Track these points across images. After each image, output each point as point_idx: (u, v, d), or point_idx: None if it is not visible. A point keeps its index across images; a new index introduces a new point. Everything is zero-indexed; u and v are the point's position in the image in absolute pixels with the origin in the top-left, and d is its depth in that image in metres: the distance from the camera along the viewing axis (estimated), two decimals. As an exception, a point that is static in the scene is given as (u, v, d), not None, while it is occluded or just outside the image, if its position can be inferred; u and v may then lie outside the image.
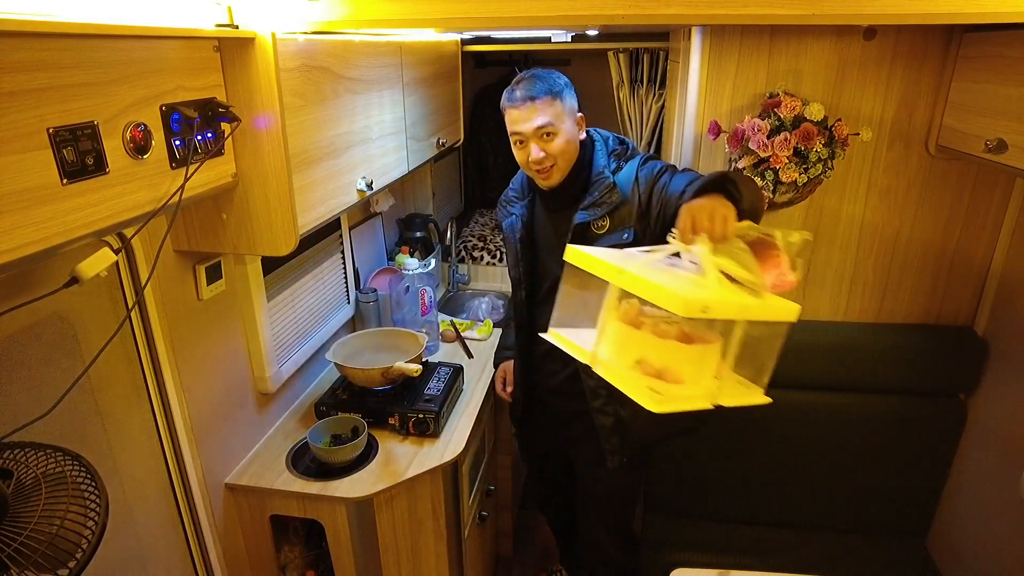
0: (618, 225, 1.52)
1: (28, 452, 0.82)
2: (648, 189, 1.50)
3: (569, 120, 1.52)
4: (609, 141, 1.61)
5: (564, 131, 1.51)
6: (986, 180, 1.66)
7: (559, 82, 1.53)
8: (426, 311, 2.25)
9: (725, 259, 1.06)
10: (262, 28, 1.09)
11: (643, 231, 1.50)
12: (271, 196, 1.18)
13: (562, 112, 1.51)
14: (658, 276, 1.01)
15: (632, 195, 1.51)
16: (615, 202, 1.51)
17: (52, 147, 0.76)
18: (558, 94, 1.51)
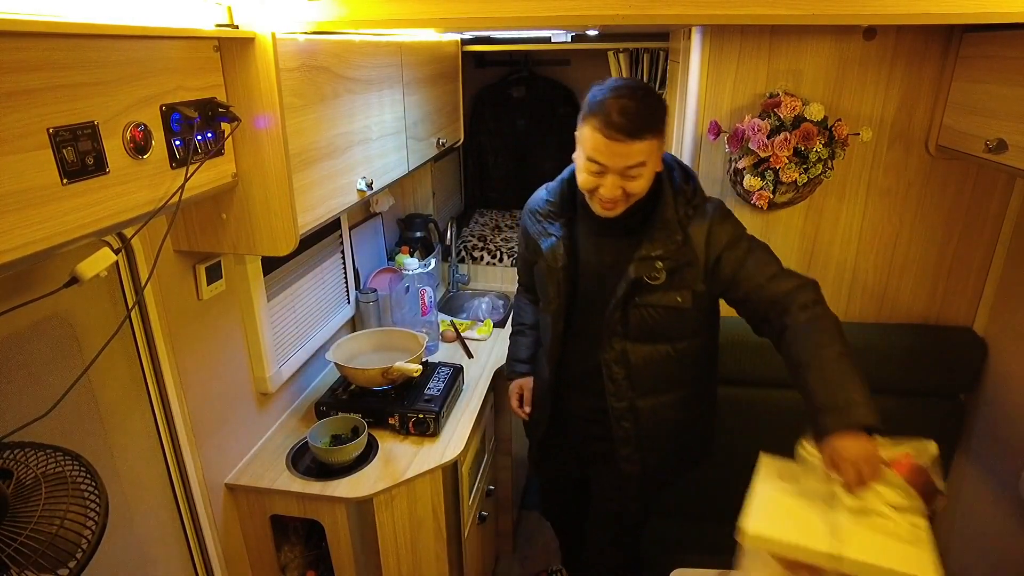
0: (677, 284, 1.38)
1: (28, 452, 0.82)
2: (718, 254, 1.36)
3: (656, 157, 1.32)
4: (675, 174, 1.41)
5: (648, 172, 1.31)
6: (986, 180, 1.66)
7: (660, 111, 1.29)
8: (426, 311, 2.25)
9: (885, 488, 1.09)
10: (262, 28, 1.09)
11: (699, 297, 1.40)
12: (271, 196, 1.18)
13: (654, 150, 1.30)
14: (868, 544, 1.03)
15: (700, 256, 1.36)
16: (681, 261, 1.36)
17: (52, 147, 0.76)
18: (659, 129, 1.29)
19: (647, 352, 1.47)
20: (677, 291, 1.39)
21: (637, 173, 1.29)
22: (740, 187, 1.69)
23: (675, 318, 1.42)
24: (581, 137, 1.32)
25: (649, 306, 1.41)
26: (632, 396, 1.51)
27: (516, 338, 1.86)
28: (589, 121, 1.27)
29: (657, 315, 1.41)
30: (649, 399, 1.52)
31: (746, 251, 1.37)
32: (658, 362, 1.48)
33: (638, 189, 1.32)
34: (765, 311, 1.36)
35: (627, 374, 1.49)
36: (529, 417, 1.80)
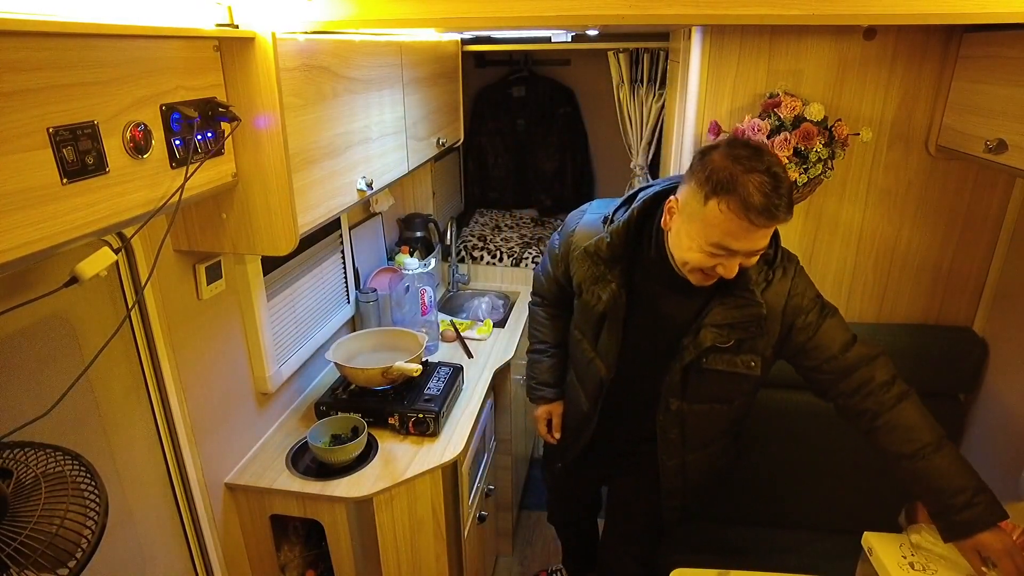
0: (747, 349, 1.31)
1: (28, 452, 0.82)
2: (792, 321, 1.28)
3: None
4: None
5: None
6: (986, 180, 1.66)
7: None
8: (426, 311, 2.25)
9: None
10: (262, 28, 1.09)
11: (768, 362, 1.34)
12: (271, 196, 1.18)
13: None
14: None
15: (776, 323, 1.29)
16: (756, 333, 1.29)
17: (52, 147, 0.76)
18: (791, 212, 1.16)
19: (705, 411, 1.42)
20: (748, 356, 1.32)
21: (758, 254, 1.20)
22: (740, 187, 1.69)
23: (741, 382, 1.37)
24: (700, 214, 1.15)
25: (716, 371, 1.34)
26: (684, 453, 1.49)
27: (538, 357, 1.75)
28: (720, 200, 1.11)
29: (723, 379, 1.35)
30: (699, 453, 1.50)
31: (819, 316, 1.30)
32: (714, 420, 1.46)
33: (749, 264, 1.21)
34: (836, 381, 1.31)
35: (681, 433, 1.45)
36: (559, 443, 1.76)
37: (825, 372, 1.32)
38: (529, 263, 2.83)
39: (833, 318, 1.32)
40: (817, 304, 1.32)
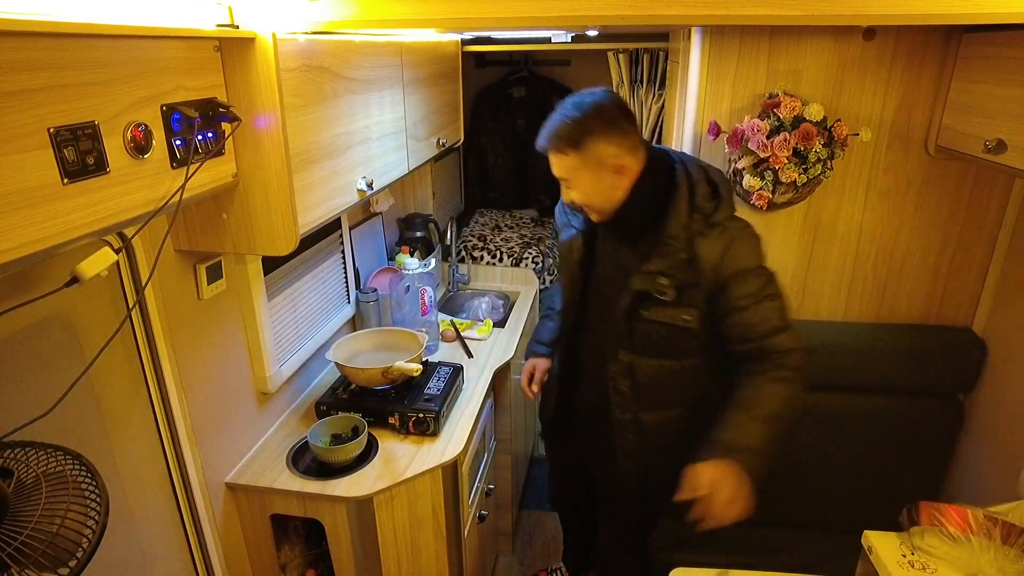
0: (686, 302, 1.36)
1: (28, 451, 0.82)
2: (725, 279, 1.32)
3: (589, 172, 1.32)
4: (697, 188, 1.35)
5: (585, 184, 1.33)
6: (985, 180, 1.66)
7: (577, 130, 1.29)
8: (426, 311, 2.25)
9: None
10: (262, 28, 1.09)
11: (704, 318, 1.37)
12: (272, 196, 1.19)
13: (577, 166, 1.32)
14: None
15: (707, 276, 1.33)
16: (687, 280, 1.34)
17: (53, 147, 0.77)
18: (574, 146, 1.30)
19: (653, 367, 1.46)
20: (686, 309, 1.36)
21: (570, 185, 1.36)
22: (740, 187, 1.69)
23: (683, 336, 1.40)
24: None
25: (657, 322, 1.39)
26: (636, 409, 1.51)
27: (543, 321, 1.88)
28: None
29: (664, 332, 1.40)
30: (653, 413, 1.52)
31: (757, 293, 1.33)
32: (665, 378, 1.47)
33: (579, 199, 1.37)
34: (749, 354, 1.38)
35: (632, 387, 1.48)
36: (536, 399, 1.83)
37: (742, 342, 1.38)
38: (529, 263, 2.83)
39: (773, 302, 1.36)
40: (760, 279, 1.35)
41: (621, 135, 1.31)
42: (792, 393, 1.35)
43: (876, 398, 1.81)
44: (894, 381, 1.78)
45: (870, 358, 1.76)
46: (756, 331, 1.35)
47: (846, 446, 1.84)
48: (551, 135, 1.32)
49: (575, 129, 1.30)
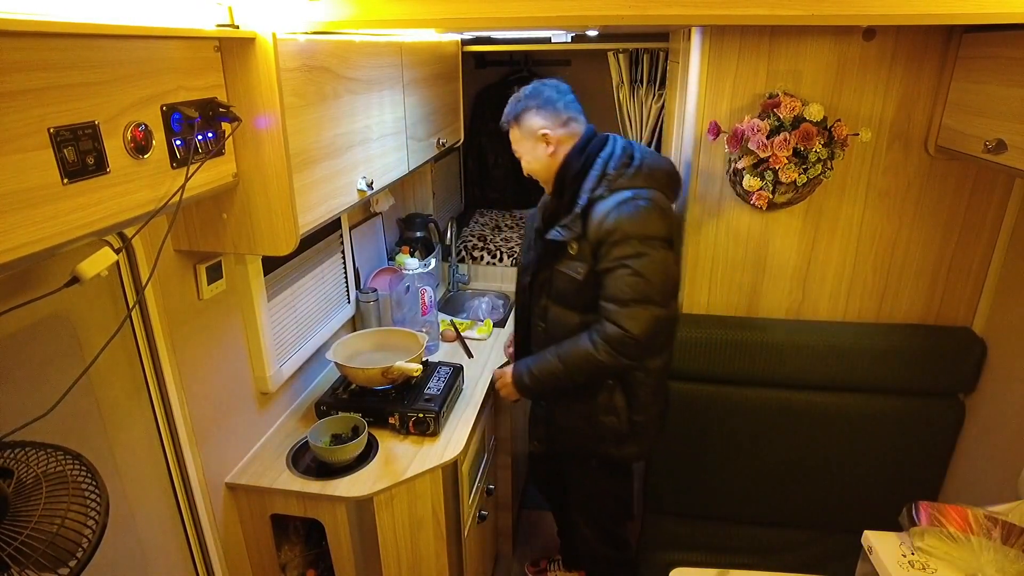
0: (579, 254, 1.55)
1: (29, 451, 0.82)
2: (600, 240, 1.50)
3: (528, 142, 1.61)
4: (613, 161, 1.54)
5: (525, 152, 1.63)
6: (985, 180, 1.66)
7: (517, 108, 1.60)
8: (426, 311, 2.25)
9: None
10: (263, 28, 1.09)
11: (590, 272, 1.54)
12: (272, 196, 1.19)
13: (520, 137, 1.62)
14: None
15: (590, 235, 1.51)
16: (576, 233, 1.54)
17: (53, 147, 0.77)
18: (516, 120, 1.61)
19: (559, 313, 1.65)
20: (579, 262, 1.55)
21: (519, 156, 1.65)
22: (740, 187, 1.69)
23: (574, 287, 1.58)
24: None
25: (562, 272, 1.60)
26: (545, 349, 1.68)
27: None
28: None
29: (567, 282, 1.59)
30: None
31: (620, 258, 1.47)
32: (569, 326, 1.63)
33: (526, 167, 1.66)
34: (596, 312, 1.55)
35: (546, 328, 1.69)
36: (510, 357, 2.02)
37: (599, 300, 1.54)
38: (529, 263, 2.83)
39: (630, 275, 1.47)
40: (630, 248, 1.47)
41: (552, 112, 1.58)
42: (586, 353, 1.54)
43: (876, 398, 1.81)
44: (894, 381, 1.78)
45: (870, 358, 1.76)
46: (605, 292, 1.51)
47: (846, 446, 1.84)
48: (504, 113, 1.64)
49: (515, 107, 1.61)
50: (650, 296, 1.48)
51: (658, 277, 1.48)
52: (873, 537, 1.27)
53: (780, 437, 1.87)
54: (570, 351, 1.59)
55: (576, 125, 1.60)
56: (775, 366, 1.80)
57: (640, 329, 1.48)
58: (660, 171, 1.56)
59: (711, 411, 1.87)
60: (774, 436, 1.87)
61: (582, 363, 1.56)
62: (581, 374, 1.59)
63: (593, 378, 1.61)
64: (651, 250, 1.47)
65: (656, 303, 1.49)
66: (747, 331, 1.81)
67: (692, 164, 1.76)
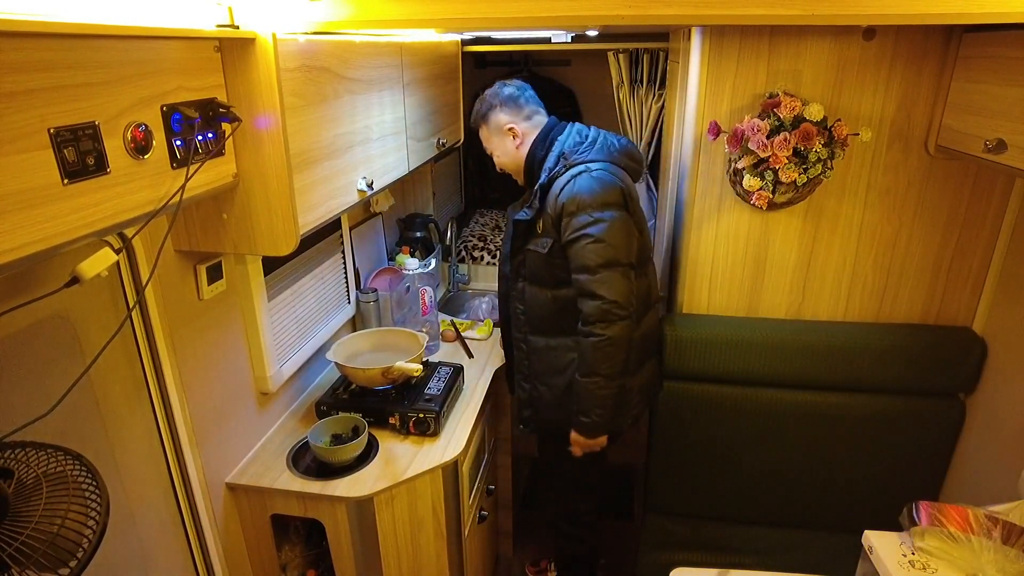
0: (543, 232, 1.63)
1: (29, 452, 0.82)
2: (559, 213, 1.56)
3: (497, 138, 1.73)
4: (568, 141, 1.65)
5: (496, 149, 1.75)
6: (985, 180, 1.66)
7: (483, 108, 1.72)
8: (426, 311, 2.25)
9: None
10: (263, 28, 1.09)
11: (555, 244, 1.60)
12: (272, 196, 1.19)
13: (489, 135, 1.74)
14: None
15: (549, 209, 1.60)
16: (537, 209, 1.63)
17: (53, 147, 0.77)
18: (484, 120, 1.72)
19: (536, 292, 1.70)
20: (544, 237, 1.62)
21: (491, 153, 1.76)
22: (740, 187, 1.69)
23: (543, 263, 1.64)
24: None
25: (531, 251, 1.66)
26: (526, 330, 1.76)
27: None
28: None
29: (538, 260, 1.66)
30: (540, 337, 1.74)
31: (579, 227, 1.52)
32: (544, 304, 1.70)
33: (499, 163, 1.77)
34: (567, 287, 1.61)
35: (524, 309, 1.74)
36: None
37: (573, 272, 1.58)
38: (529, 263, 2.83)
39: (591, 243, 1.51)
40: (588, 217, 1.52)
41: (515, 107, 1.70)
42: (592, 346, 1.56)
43: (876, 398, 1.81)
44: (894, 381, 1.78)
45: (870, 358, 1.76)
46: (574, 264, 1.56)
47: (846, 446, 1.84)
48: (471, 116, 1.76)
49: (481, 107, 1.73)
50: (616, 259, 1.52)
51: (620, 239, 1.52)
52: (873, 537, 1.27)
53: (780, 437, 1.87)
54: (586, 362, 1.59)
55: (539, 117, 1.72)
56: (775, 366, 1.80)
57: (615, 292, 1.52)
58: (615, 147, 1.64)
59: (711, 411, 1.87)
60: (774, 436, 1.87)
61: (597, 354, 1.56)
62: (606, 365, 1.57)
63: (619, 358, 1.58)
64: (608, 216, 1.52)
65: (624, 264, 1.54)
66: (747, 331, 1.81)
67: (692, 164, 1.76)
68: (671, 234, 1.99)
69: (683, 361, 1.83)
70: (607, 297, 1.52)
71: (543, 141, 1.68)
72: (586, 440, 1.68)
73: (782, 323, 1.84)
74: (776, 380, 1.82)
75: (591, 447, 1.70)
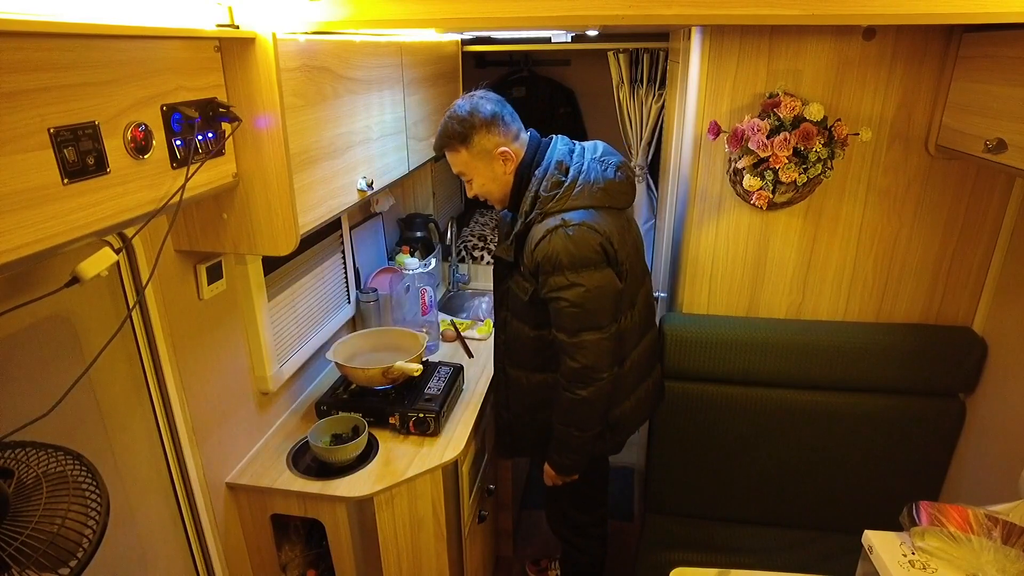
0: (527, 276, 1.53)
1: (29, 451, 0.82)
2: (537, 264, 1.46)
3: (482, 163, 1.51)
4: (545, 180, 1.49)
5: (479, 175, 1.53)
6: (985, 180, 1.66)
7: (462, 128, 1.47)
8: (426, 311, 2.25)
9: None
10: (263, 28, 1.09)
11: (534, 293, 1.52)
12: (272, 196, 1.19)
13: (470, 160, 1.51)
14: None
15: (525, 260, 1.51)
16: (510, 258, 1.56)
17: (53, 147, 0.77)
18: (462, 142, 1.48)
19: (516, 328, 1.65)
20: (526, 281, 1.54)
21: (468, 178, 1.55)
22: (740, 187, 1.69)
23: (523, 305, 1.58)
24: None
25: (513, 289, 1.61)
26: (506, 363, 1.72)
27: None
28: None
29: (517, 297, 1.60)
30: (516, 370, 1.70)
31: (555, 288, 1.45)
32: (524, 340, 1.64)
33: (476, 190, 1.56)
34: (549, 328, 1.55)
35: (505, 340, 1.70)
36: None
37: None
38: (529, 263, 2.83)
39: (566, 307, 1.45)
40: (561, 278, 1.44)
41: (502, 126, 1.49)
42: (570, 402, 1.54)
43: (876, 398, 1.81)
44: (894, 381, 1.78)
45: (870, 358, 1.76)
46: (554, 321, 1.51)
47: (846, 446, 1.84)
48: (441, 137, 1.51)
49: (461, 127, 1.48)
50: (594, 323, 1.46)
51: (597, 304, 1.45)
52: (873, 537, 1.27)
53: (780, 437, 1.87)
54: (562, 412, 1.58)
55: (524, 135, 1.55)
56: (775, 366, 1.80)
57: (592, 359, 1.48)
58: (595, 187, 1.48)
59: (711, 411, 1.87)
60: (774, 436, 1.87)
61: (573, 410, 1.55)
62: (581, 420, 1.57)
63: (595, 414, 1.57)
64: (584, 278, 1.43)
65: (601, 327, 1.47)
66: (747, 331, 1.81)
67: (692, 164, 1.76)
68: (671, 234, 1.99)
69: (683, 361, 1.83)
70: (583, 363, 1.48)
71: (529, 165, 1.52)
72: (555, 475, 1.69)
73: (782, 323, 1.84)
74: (776, 380, 1.82)
75: (563, 481, 1.71)
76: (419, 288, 2.21)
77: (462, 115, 1.48)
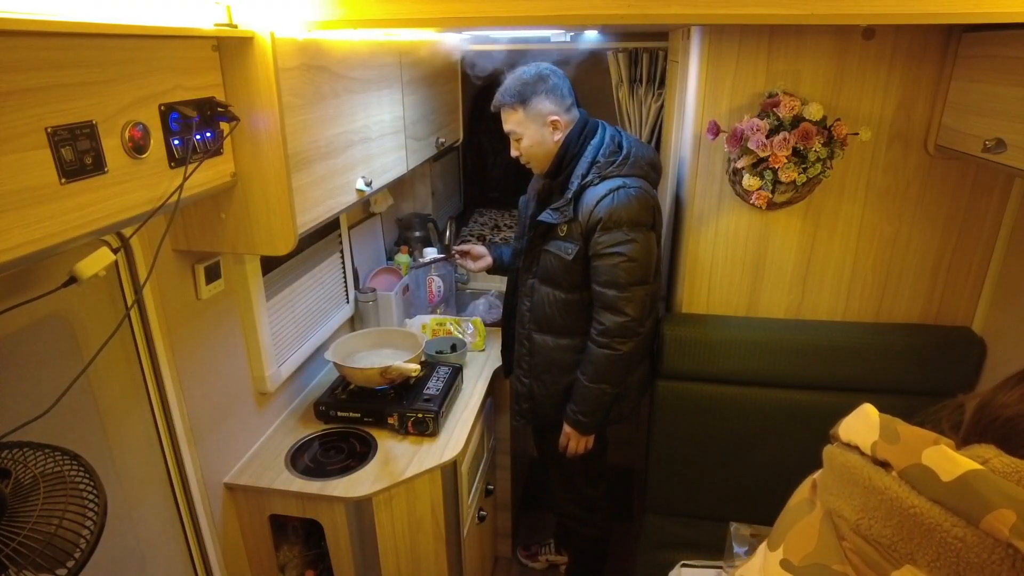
0: (568, 235, 1.64)
1: (26, 451, 0.82)
2: (592, 227, 1.58)
3: (534, 125, 1.63)
4: (603, 149, 1.63)
5: (528, 136, 1.65)
6: (985, 180, 1.66)
7: (525, 90, 1.61)
8: (433, 299, 2.27)
9: None
10: (261, 27, 1.09)
11: (583, 251, 1.62)
12: (270, 196, 1.18)
13: (524, 120, 1.63)
14: None
15: (581, 218, 1.61)
16: (568, 216, 1.63)
17: (50, 146, 0.76)
18: (523, 103, 1.61)
19: (545, 292, 1.73)
20: (569, 243, 1.63)
21: (516, 138, 1.67)
22: (739, 187, 1.69)
23: (564, 268, 1.66)
24: None
25: (549, 252, 1.68)
26: (531, 328, 1.78)
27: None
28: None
29: (556, 262, 1.67)
30: (542, 335, 1.77)
31: (610, 243, 1.57)
32: (553, 304, 1.72)
33: (524, 150, 1.67)
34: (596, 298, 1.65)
35: (531, 306, 1.77)
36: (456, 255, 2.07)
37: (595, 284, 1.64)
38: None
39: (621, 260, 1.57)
40: (619, 234, 1.56)
41: (559, 97, 1.63)
42: (607, 357, 1.64)
43: (876, 398, 1.78)
44: (893, 381, 1.78)
45: (870, 358, 1.76)
46: (598, 278, 1.61)
47: (846, 446, 1.84)
48: (504, 92, 1.64)
49: (524, 88, 1.61)
50: (645, 278, 1.61)
51: (648, 259, 1.61)
52: None
53: (780, 437, 1.87)
54: (593, 368, 1.66)
55: (575, 110, 1.68)
56: (775, 366, 1.79)
57: (639, 311, 1.61)
58: (644, 160, 1.65)
59: (711, 411, 1.87)
60: (774, 436, 1.87)
61: (611, 366, 1.65)
62: (616, 376, 1.68)
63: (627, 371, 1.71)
64: (639, 236, 1.58)
65: (648, 282, 1.63)
66: (747, 331, 1.81)
67: (691, 164, 1.76)
68: (671, 234, 1.99)
69: (683, 361, 1.83)
70: (632, 315, 1.60)
71: (578, 138, 1.65)
72: (579, 435, 1.77)
73: (781, 323, 1.84)
74: (776, 380, 1.82)
75: (582, 443, 1.79)
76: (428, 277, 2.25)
77: (526, 78, 1.62)
